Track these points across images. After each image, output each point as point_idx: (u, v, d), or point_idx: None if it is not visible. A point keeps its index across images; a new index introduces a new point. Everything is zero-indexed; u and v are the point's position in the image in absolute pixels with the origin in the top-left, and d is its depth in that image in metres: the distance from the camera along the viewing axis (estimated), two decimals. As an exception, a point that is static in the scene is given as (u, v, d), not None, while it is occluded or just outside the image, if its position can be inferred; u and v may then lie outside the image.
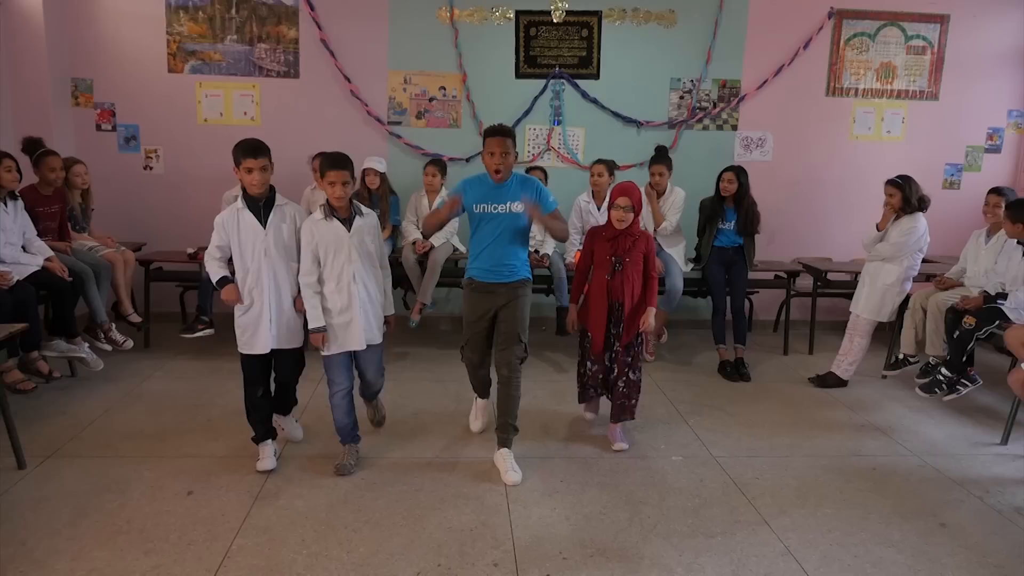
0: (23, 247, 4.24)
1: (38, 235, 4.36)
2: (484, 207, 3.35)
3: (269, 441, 3.36)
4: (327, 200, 3.18)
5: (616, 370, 3.68)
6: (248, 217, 3.15)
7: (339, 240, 3.15)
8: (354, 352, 3.30)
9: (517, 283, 3.42)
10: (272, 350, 3.24)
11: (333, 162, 3.13)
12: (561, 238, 3.65)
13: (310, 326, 3.19)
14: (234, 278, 3.18)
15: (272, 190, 3.21)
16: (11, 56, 5.29)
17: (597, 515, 3.01)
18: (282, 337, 3.24)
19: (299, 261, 3.19)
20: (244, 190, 3.17)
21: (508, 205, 3.33)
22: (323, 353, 3.25)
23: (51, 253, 4.32)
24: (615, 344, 3.65)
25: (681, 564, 2.68)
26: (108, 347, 4.54)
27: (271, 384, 3.38)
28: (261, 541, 2.74)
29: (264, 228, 3.14)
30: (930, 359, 4.55)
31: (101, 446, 3.53)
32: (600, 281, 3.58)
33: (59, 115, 5.53)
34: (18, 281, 3.96)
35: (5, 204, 4.16)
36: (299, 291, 3.21)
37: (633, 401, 3.70)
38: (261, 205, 3.16)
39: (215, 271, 3.18)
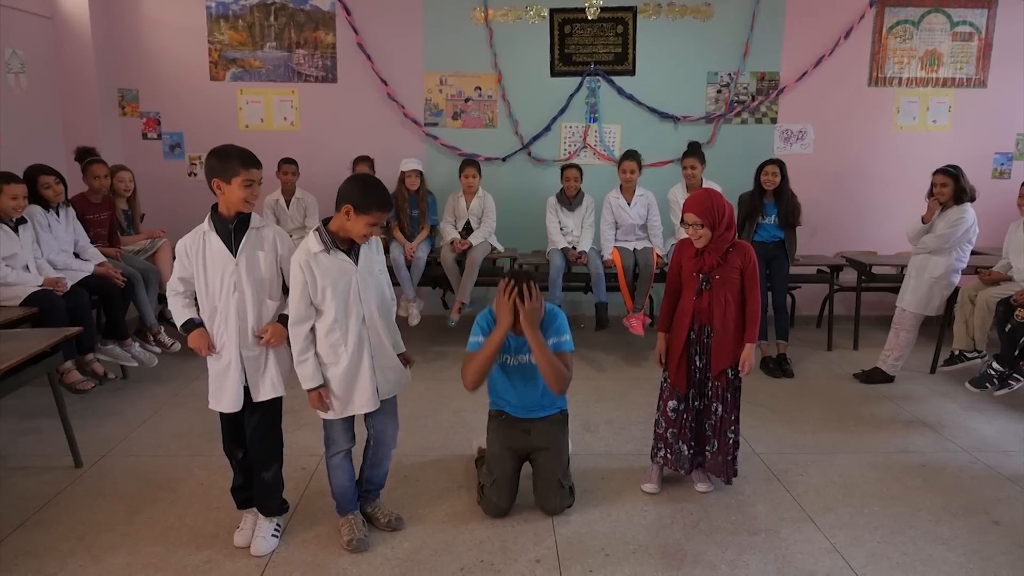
0: (76, 254, 4.39)
1: (89, 242, 4.51)
2: (508, 358, 2.98)
3: (254, 508, 2.80)
4: (324, 228, 2.53)
5: (711, 411, 3.06)
6: (216, 242, 2.52)
7: (346, 278, 2.53)
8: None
9: (555, 415, 3.05)
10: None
11: (384, 201, 2.50)
12: (552, 383, 2.88)
13: (304, 385, 2.56)
14: (200, 319, 2.60)
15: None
16: (61, 69, 5.48)
17: (639, 512, 3.01)
18: (260, 388, 2.62)
19: (279, 299, 2.62)
20: (213, 208, 2.54)
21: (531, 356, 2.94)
22: (323, 417, 2.68)
23: (103, 259, 4.46)
24: (710, 382, 3.04)
25: (725, 561, 2.66)
26: (157, 349, 4.67)
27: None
28: (308, 537, 2.80)
29: (235, 256, 2.53)
30: (955, 350, 4.48)
31: (152, 445, 3.63)
32: (686, 302, 3.00)
33: (107, 125, 5.71)
34: (72, 286, 4.10)
35: (57, 213, 4.31)
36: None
37: (731, 457, 3.09)
38: (232, 228, 2.53)
39: (179, 311, 2.61)
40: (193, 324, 2.59)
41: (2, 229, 3.94)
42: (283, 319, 2.61)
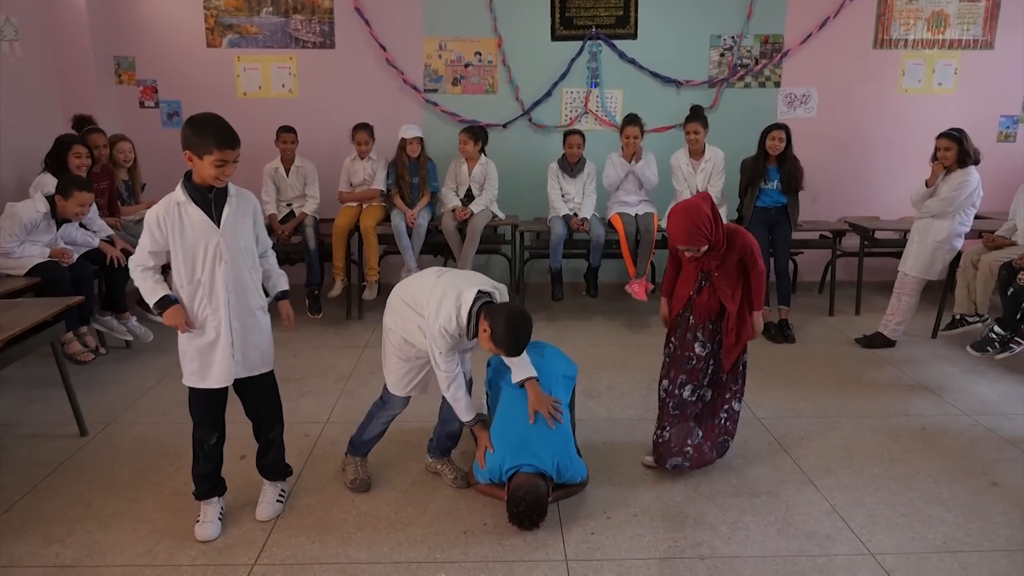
0: (83, 224, 4.37)
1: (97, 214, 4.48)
2: None
3: (215, 499, 2.67)
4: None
5: (715, 396, 3.01)
6: (195, 213, 2.39)
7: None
8: None
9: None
10: (236, 381, 2.59)
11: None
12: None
13: (463, 417, 2.76)
14: (176, 296, 2.49)
15: None
16: (56, 37, 5.40)
17: (640, 475, 3.03)
18: (250, 362, 2.58)
19: (259, 266, 2.61)
20: (187, 177, 2.41)
21: None
22: (394, 392, 2.85)
23: (111, 232, 4.44)
24: (710, 366, 2.98)
25: (725, 523, 2.69)
26: (159, 319, 4.66)
27: (257, 438, 2.78)
28: (312, 502, 2.83)
29: (218, 227, 2.41)
30: (956, 314, 4.49)
31: (157, 413, 3.66)
32: (682, 293, 2.96)
33: (104, 93, 5.64)
34: (77, 258, 4.10)
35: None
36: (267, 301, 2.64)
37: (730, 439, 3.09)
38: (212, 197, 2.41)
39: (151, 287, 2.47)
40: (169, 300, 2.47)
41: (49, 220, 4.04)
42: (285, 295, 2.76)
